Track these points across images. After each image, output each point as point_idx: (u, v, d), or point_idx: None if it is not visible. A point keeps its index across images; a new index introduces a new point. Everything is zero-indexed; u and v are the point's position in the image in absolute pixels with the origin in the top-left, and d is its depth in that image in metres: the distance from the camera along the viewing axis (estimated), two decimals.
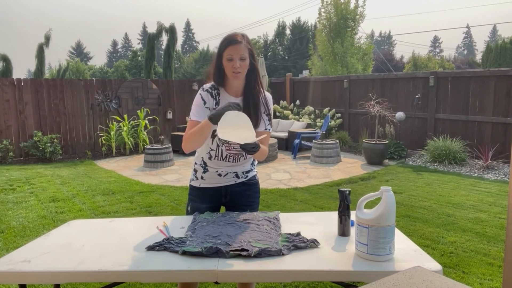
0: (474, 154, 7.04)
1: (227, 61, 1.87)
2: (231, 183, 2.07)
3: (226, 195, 2.08)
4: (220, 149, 1.99)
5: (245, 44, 1.88)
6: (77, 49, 60.64)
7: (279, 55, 33.87)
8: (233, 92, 1.97)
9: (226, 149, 1.98)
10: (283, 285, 2.74)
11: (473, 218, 4.10)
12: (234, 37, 1.88)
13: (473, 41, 71.21)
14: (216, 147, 1.99)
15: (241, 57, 1.86)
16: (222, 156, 2.00)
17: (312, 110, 10.23)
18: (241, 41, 1.87)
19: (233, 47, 1.85)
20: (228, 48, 1.85)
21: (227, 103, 1.81)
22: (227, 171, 2.04)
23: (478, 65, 20.50)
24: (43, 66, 15.55)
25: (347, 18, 15.50)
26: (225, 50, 1.86)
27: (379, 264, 1.43)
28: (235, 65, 1.86)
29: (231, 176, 2.06)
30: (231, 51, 1.85)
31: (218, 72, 1.92)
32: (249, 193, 2.10)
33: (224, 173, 2.04)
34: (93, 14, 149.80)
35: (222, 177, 2.04)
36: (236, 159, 2.02)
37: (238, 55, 1.86)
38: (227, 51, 1.86)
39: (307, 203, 4.82)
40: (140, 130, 9.31)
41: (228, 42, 1.86)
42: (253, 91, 1.98)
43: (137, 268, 1.45)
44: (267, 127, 2.03)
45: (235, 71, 1.87)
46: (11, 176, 6.66)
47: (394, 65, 30.06)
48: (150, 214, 4.49)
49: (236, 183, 2.07)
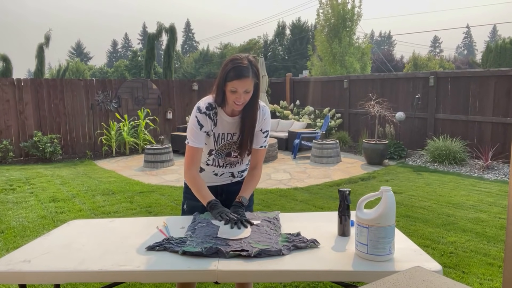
0: (474, 154, 7.04)
1: (230, 92, 1.79)
2: (227, 182, 2.10)
3: (222, 194, 2.09)
4: (217, 160, 2.02)
5: (252, 76, 1.78)
6: (77, 49, 60.62)
7: (279, 55, 33.86)
8: (231, 112, 1.93)
9: (223, 160, 2.02)
10: (283, 285, 2.74)
11: (473, 218, 4.10)
12: (242, 68, 1.76)
13: (473, 41, 71.22)
14: (213, 160, 2.02)
15: (246, 90, 1.79)
16: (219, 164, 2.04)
17: (312, 110, 10.23)
18: (248, 75, 1.77)
19: (239, 82, 1.76)
20: (234, 82, 1.76)
21: (222, 213, 1.78)
22: (223, 171, 2.07)
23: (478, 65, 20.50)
24: (43, 66, 15.55)
25: (345, 19, 15.52)
26: (230, 81, 1.77)
27: (379, 264, 1.43)
28: (238, 99, 1.80)
29: (227, 176, 2.09)
30: (237, 85, 1.77)
31: (219, 94, 1.85)
32: None
33: (220, 173, 2.07)
34: (93, 14, 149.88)
35: (218, 176, 2.08)
36: (233, 165, 2.06)
37: (243, 89, 1.78)
38: (232, 83, 1.77)
39: (307, 203, 4.81)
40: (140, 130, 9.32)
41: (236, 75, 1.76)
42: (251, 112, 1.91)
43: (137, 268, 1.45)
44: (263, 144, 2.02)
45: (237, 102, 1.81)
46: (11, 176, 6.66)
47: (394, 65, 30.05)
48: (150, 214, 4.49)
49: (232, 182, 2.11)
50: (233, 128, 1.95)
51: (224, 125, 1.93)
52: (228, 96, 1.82)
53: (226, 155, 2.00)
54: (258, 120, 1.95)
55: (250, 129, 1.94)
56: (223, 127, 1.94)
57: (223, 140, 1.95)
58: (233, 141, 1.97)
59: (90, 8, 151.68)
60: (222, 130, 1.94)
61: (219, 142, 1.95)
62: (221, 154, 1.99)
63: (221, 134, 1.94)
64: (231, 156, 2.00)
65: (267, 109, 2.01)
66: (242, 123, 1.93)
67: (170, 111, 10.29)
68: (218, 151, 1.97)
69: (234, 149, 1.98)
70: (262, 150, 2.03)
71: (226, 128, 1.94)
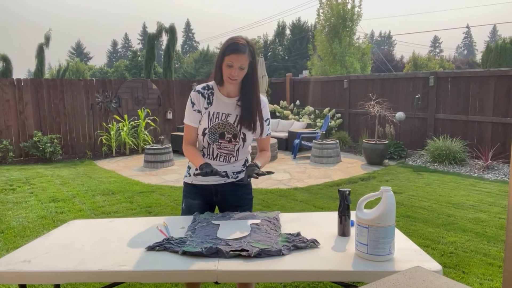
0: (474, 154, 7.04)
1: (226, 66, 1.88)
2: (221, 182, 2.09)
3: (217, 194, 2.11)
4: (211, 147, 2.04)
5: (248, 53, 1.88)
6: (77, 49, 60.61)
7: (279, 55, 33.87)
8: (226, 92, 2.01)
9: (217, 147, 2.03)
10: (283, 285, 2.74)
11: (473, 218, 4.10)
12: (239, 45, 1.87)
13: (473, 41, 71.19)
14: (208, 145, 2.04)
15: (241, 66, 1.88)
16: (213, 155, 2.05)
17: (312, 110, 10.23)
18: (245, 51, 1.87)
19: (235, 56, 1.85)
20: (231, 56, 1.85)
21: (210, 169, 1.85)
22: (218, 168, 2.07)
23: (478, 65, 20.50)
24: (43, 66, 15.54)
25: (345, 19, 15.52)
26: (227, 56, 1.86)
27: (379, 264, 1.43)
28: (233, 73, 1.89)
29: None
30: (233, 59, 1.86)
31: (218, 72, 1.95)
32: (239, 194, 2.12)
33: None
34: (93, 14, 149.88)
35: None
36: (227, 159, 2.06)
37: (239, 64, 1.87)
38: (229, 58, 1.86)
39: (307, 203, 4.81)
40: (140, 130, 9.31)
41: (232, 49, 1.85)
42: (250, 95, 1.99)
43: (137, 268, 1.45)
44: (267, 132, 2.13)
45: (231, 77, 1.90)
46: (11, 176, 6.66)
47: (394, 65, 30.05)
48: (150, 214, 4.49)
49: (225, 182, 2.09)
50: (229, 109, 2.01)
51: (220, 105, 2.00)
52: (224, 72, 1.91)
53: (220, 137, 2.01)
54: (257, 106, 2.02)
55: (249, 112, 1.99)
56: (218, 106, 2.00)
57: (217, 119, 2.00)
58: (227, 122, 2.01)
59: (90, 8, 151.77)
60: (217, 109, 2.00)
61: (213, 120, 2.00)
62: (214, 134, 2.01)
63: (215, 113, 2.00)
64: (225, 138, 2.01)
65: (265, 98, 2.10)
66: (241, 105, 2.00)
67: (170, 111, 10.29)
68: (211, 129, 2.00)
69: (228, 130, 2.01)
70: (267, 138, 2.15)
71: (221, 107, 2.00)
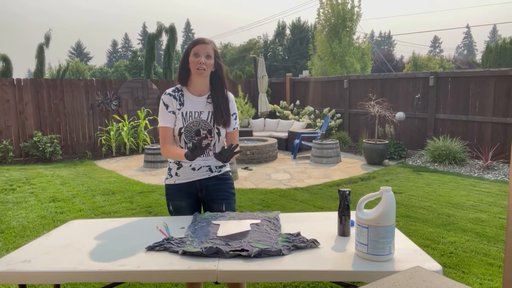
0: (474, 154, 7.04)
1: (193, 56, 2.00)
2: (205, 176, 2.14)
3: (202, 190, 2.15)
4: (188, 146, 2.08)
5: (212, 46, 2.05)
6: (77, 49, 60.63)
7: (279, 55, 33.87)
8: (197, 91, 2.10)
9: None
10: (283, 285, 2.74)
11: (473, 218, 4.10)
12: (202, 39, 2.06)
13: (473, 41, 71.20)
14: (185, 144, 2.09)
15: (207, 54, 2.01)
16: None
17: (312, 110, 10.23)
18: (209, 43, 2.04)
19: (200, 46, 2.01)
20: (196, 46, 2.01)
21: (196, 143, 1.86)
22: (201, 164, 2.12)
23: (478, 65, 20.49)
24: (43, 66, 15.53)
25: (345, 18, 15.53)
26: (192, 48, 2.01)
27: (379, 264, 1.43)
28: (201, 61, 1.99)
29: (204, 170, 2.14)
30: (198, 49, 2.00)
31: (184, 70, 2.06)
32: (223, 187, 2.17)
33: (197, 167, 2.12)
34: (93, 14, 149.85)
35: (196, 171, 2.12)
36: (206, 153, 2.11)
37: (205, 52, 2.01)
38: (194, 49, 2.01)
39: (307, 203, 4.81)
40: (140, 130, 9.31)
41: (197, 41, 2.04)
42: (219, 92, 2.11)
43: (137, 268, 1.45)
44: (235, 126, 2.19)
45: (199, 67, 2.00)
46: (11, 176, 6.66)
47: (394, 65, 30.05)
48: (150, 214, 4.49)
49: (209, 177, 2.15)
50: (201, 107, 2.10)
51: (191, 104, 2.09)
52: (191, 65, 2.02)
53: (196, 134, 2.07)
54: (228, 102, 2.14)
55: (221, 108, 2.10)
56: (190, 105, 2.09)
57: (191, 117, 2.08)
58: (201, 119, 2.08)
59: (90, 8, 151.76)
60: (189, 109, 2.08)
61: (187, 119, 2.07)
62: (190, 132, 2.07)
63: (188, 112, 2.08)
64: (201, 134, 2.08)
65: (231, 94, 2.20)
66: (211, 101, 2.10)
67: None
68: (186, 128, 2.07)
69: (202, 126, 2.08)
70: (235, 132, 2.20)
71: (193, 106, 2.09)
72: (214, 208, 2.14)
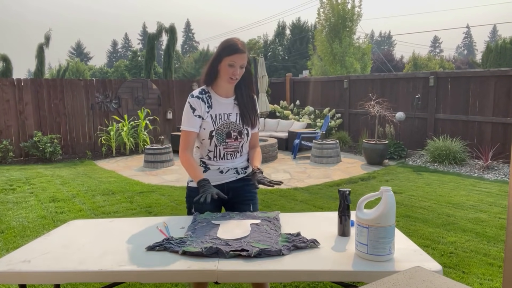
0: (474, 154, 7.04)
1: (227, 66, 1.94)
2: (232, 179, 2.13)
3: (228, 192, 2.11)
4: (218, 149, 2.06)
5: (247, 53, 1.98)
6: (77, 49, 60.62)
7: (279, 55, 33.85)
8: (224, 93, 2.07)
9: (223, 148, 2.06)
10: (283, 285, 2.74)
11: (473, 218, 4.10)
12: (238, 45, 1.95)
13: (473, 41, 71.17)
14: (214, 147, 2.06)
15: (242, 65, 1.96)
16: (220, 155, 2.07)
17: (312, 110, 10.23)
18: (245, 51, 1.96)
19: (237, 56, 1.93)
20: (233, 56, 1.93)
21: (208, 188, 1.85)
22: (228, 167, 2.10)
23: (478, 65, 20.48)
24: (43, 66, 15.53)
25: (345, 18, 15.53)
26: (228, 57, 1.93)
27: (379, 264, 1.43)
28: (235, 72, 1.95)
29: (232, 172, 2.12)
30: (235, 59, 1.93)
31: (213, 73, 2.00)
32: (249, 188, 2.15)
33: (225, 170, 2.10)
34: (93, 14, 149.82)
35: (224, 174, 2.10)
36: (233, 156, 2.10)
37: (240, 63, 1.95)
38: (230, 58, 1.93)
39: (307, 203, 4.81)
40: (140, 130, 9.31)
41: (234, 50, 1.93)
42: (245, 93, 2.10)
43: (137, 268, 1.45)
44: (257, 126, 2.19)
45: (233, 77, 1.96)
46: (11, 176, 6.66)
47: (394, 65, 30.04)
48: (150, 214, 4.49)
49: (237, 179, 2.13)
50: (229, 109, 2.07)
51: (220, 106, 2.05)
52: (224, 72, 1.96)
53: (227, 136, 2.05)
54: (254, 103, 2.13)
55: (246, 110, 2.08)
56: (219, 107, 2.05)
57: (220, 120, 2.04)
58: (230, 121, 2.06)
59: (90, 8, 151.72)
60: (218, 111, 2.05)
61: (217, 122, 2.04)
62: (221, 135, 2.04)
63: (218, 114, 2.04)
64: (231, 137, 2.05)
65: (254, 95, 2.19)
66: (238, 103, 2.08)
67: (170, 111, 10.29)
68: (217, 131, 2.03)
69: (232, 128, 2.06)
70: (257, 133, 2.23)
71: (222, 108, 2.05)
72: (241, 209, 2.10)
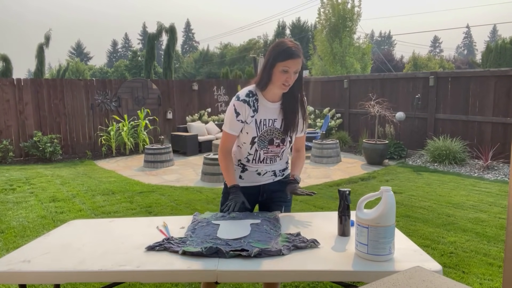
0: (474, 154, 7.04)
1: (281, 72, 1.81)
2: (269, 181, 2.10)
3: (263, 194, 2.10)
4: (258, 153, 2.00)
5: (302, 57, 1.84)
6: (77, 49, 60.61)
7: None
8: (272, 97, 1.94)
9: (264, 152, 2.00)
10: (283, 285, 2.73)
11: (473, 218, 4.10)
12: (294, 49, 1.81)
13: (473, 41, 71.15)
14: (255, 151, 2.00)
15: (296, 70, 1.83)
16: (260, 159, 2.02)
17: (312, 110, 10.23)
18: (300, 55, 1.83)
19: (292, 62, 1.80)
20: (288, 62, 1.79)
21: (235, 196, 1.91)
22: (266, 170, 2.07)
23: (478, 65, 20.48)
24: (43, 66, 15.54)
25: (345, 18, 15.53)
26: (283, 62, 1.80)
27: (379, 264, 1.43)
28: (289, 78, 1.83)
29: (269, 174, 2.09)
30: (290, 64, 1.80)
31: (267, 77, 1.86)
32: (284, 190, 2.11)
33: (263, 172, 2.07)
34: (93, 14, 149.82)
35: (261, 176, 2.08)
36: (273, 160, 2.05)
37: (295, 69, 1.82)
38: (285, 63, 1.80)
39: (307, 203, 4.81)
40: (140, 130, 9.31)
41: (289, 54, 1.80)
42: (294, 98, 1.96)
43: (137, 268, 1.45)
44: (304, 130, 2.09)
45: (286, 83, 1.84)
46: (11, 176, 6.66)
47: (394, 65, 30.05)
48: (150, 214, 4.49)
49: (273, 181, 2.11)
50: (275, 114, 1.96)
51: (266, 111, 1.94)
52: (277, 78, 1.83)
53: (269, 143, 1.98)
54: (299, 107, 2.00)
55: (291, 115, 1.96)
56: (265, 112, 1.94)
57: (264, 126, 1.94)
58: (275, 128, 1.96)
59: (90, 8, 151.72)
60: (264, 116, 1.94)
61: (261, 128, 1.94)
62: (263, 142, 1.97)
63: (262, 120, 1.94)
64: (274, 144, 1.98)
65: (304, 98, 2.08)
66: (284, 108, 1.96)
67: (170, 111, 10.29)
68: (260, 137, 1.95)
69: (276, 135, 1.98)
70: (304, 136, 2.14)
71: (268, 114, 1.94)
72: (273, 209, 2.09)
